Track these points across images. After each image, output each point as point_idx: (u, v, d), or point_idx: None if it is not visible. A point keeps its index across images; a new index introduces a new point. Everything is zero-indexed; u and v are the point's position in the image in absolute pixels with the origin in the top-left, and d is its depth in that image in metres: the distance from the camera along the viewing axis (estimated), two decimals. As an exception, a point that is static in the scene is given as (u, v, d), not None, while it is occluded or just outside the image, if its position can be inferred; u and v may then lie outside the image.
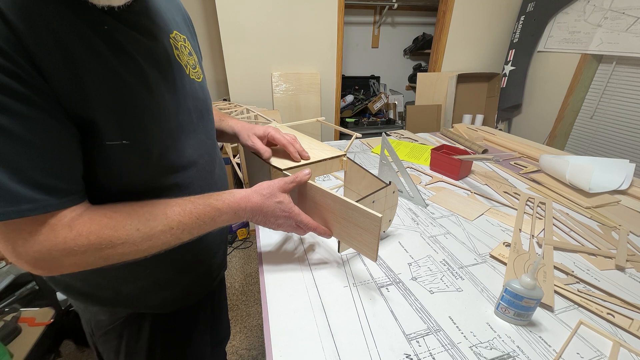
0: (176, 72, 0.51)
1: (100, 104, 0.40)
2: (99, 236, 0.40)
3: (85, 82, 0.38)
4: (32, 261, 0.38)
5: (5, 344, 1.22)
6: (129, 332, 0.61)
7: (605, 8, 1.96)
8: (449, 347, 0.51)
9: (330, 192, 0.57)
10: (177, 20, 0.56)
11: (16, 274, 1.48)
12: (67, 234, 0.38)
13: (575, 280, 0.65)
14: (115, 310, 0.59)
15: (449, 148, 1.18)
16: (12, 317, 1.32)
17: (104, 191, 0.46)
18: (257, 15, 2.10)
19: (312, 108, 2.43)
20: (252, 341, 1.55)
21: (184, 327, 0.67)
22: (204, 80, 0.61)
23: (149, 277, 0.57)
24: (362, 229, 0.55)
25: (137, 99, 0.45)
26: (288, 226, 0.58)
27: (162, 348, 0.64)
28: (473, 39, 2.60)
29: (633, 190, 0.99)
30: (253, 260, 2.10)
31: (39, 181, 0.36)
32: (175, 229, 0.45)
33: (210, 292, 0.72)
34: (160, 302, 0.61)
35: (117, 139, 0.43)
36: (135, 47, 0.44)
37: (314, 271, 0.66)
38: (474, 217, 0.85)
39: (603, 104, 2.11)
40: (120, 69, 0.42)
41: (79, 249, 0.39)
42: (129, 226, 0.42)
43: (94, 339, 0.63)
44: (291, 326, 0.54)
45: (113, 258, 0.42)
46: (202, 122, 0.59)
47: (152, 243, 0.44)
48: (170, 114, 0.50)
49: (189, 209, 0.47)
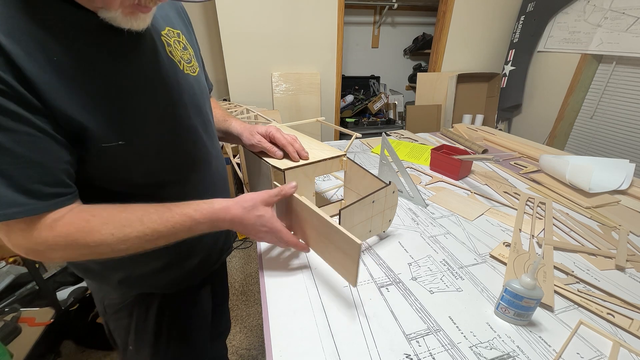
0: (169, 69, 0.52)
1: (94, 110, 0.43)
2: (75, 238, 0.43)
3: (78, 92, 0.41)
4: (23, 251, 0.43)
5: (5, 344, 1.22)
6: (138, 311, 0.65)
7: (605, 8, 1.96)
8: (449, 347, 0.51)
9: (316, 210, 0.56)
10: (170, 15, 0.57)
11: (16, 274, 1.48)
12: (48, 233, 0.42)
13: (575, 280, 0.65)
14: (127, 290, 0.64)
15: (449, 148, 1.18)
16: (12, 317, 1.32)
17: (105, 189, 0.49)
18: (257, 16, 2.10)
19: (312, 108, 2.43)
20: (252, 341, 1.55)
21: (187, 306, 0.72)
22: (200, 73, 0.62)
23: (159, 260, 0.61)
24: (343, 252, 0.53)
25: (129, 101, 0.46)
26: (270, 239, 0.58)
27: (168, 326, 0.68)
28: (473, 39, 2.60)
29: (633, 190, 0.99)
30: (253, 260, 2.10)
31: (27, 187, 0.40)
32: (149, 235, 0.47)
33: (212, 272, 0.76)
34: (167, 282, 0.65)
35: (113, 141, 0.45)
36: (125, 50, 0.46)
37: (314, 271, 0.66)
38: (474, 217, 0.85)
39: (603, 104, 2.11)
40: (110, 73, 0.44)
41: (57, 247, 0.43)
42: (104, 231, 0.44)
43: (106, 317, 0.68)
44: (291, 326, 0.54)
45: (92, 255, 0.46)
46: (199, 116, 0.60)
47: (127, 246, 0.46)
48: (166, 112, 0.52)
49: (166, 217, 0.48)
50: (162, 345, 0.68)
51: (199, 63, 0.63)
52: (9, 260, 1.60)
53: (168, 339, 0.69)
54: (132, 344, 0.68)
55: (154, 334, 0.67)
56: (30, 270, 1.30)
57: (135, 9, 0.41)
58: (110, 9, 0.39)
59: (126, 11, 0.40)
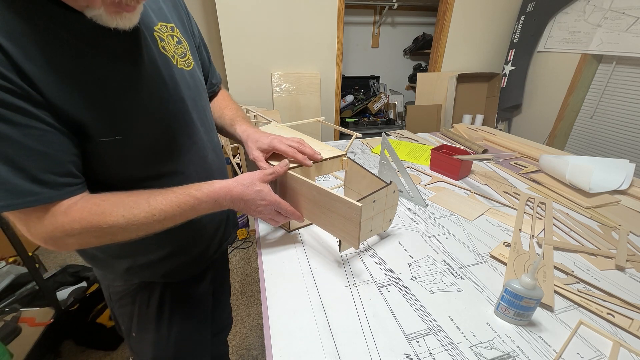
0: (162, 65, 0.54)
1: (90, 108, 0.45)
2: (89, 221, 0.46)
3: (73, 91, 0.43)
4: (42, 240, 0.45)
5: (5, 344, 1.22)
6: (140, 298, 0.68)
7: (605, 8, 1.96)
8: (449, 347, 0.51)
9: (315, 183, 0.60)
10: (164, 9, 0.58)
11: (16, 274, 1.48)
12: (64, 219, 0.45)
13: (575, 280, 0.65)
14: (130, 278, 0.66)
15: (449, 148, 1.18)
16: (12, 317, 1.32)
17: (106, 181, 0.52)
18: (257, 15, 2.10)
19: (312, 108, 2.43)
20: (252, 341, 1.55)
21: (188, 295, 0.74)
22: (195, 68, 0.63)
23: (161, 250, 0.63)
24: (344, 218, 0.58)
25: (123, 97, 0.48)
26: (268, 213, 0.62)
27: (170, 313, 0.70)
28: (473, 39, 2.60)
29: (633, 190, 0.99)
30: (253, 260, 2.10)
31: (40, 178, 0.42)
32: (157, 216, 0.50)
33: (211, 262, 0.77)
34: (169, 271, 0.67)
35: (110, 136, 0.48)
36: (117, 48, 0.47)
37: (314, 271, 0.66)
38: (474, 217, 0.85)
39: (603, 104, 2.11)
40: (103, 72, 0.46)
41: (74, 231, 0.45)
42: (115, 213, 0.47)
43: (111, 303, 0.71)
44: (291, 326, 0.54)
45: (105, 238, 0.48)
46: (195, 110, 0.61)
47: (136, 227, 0.49)
48: (161, 106, 0.54)
49: (170, 198, 0.51)
50: (163, 332, 0.70)
51: (195, 57, 0.64)
52: (9, 260, 1.60)
53: (169, 326, 0.70)
54: (135, 330, 0.69)
55: (155, 321, 0.69)
56: (30, 270, 1.30)
57: (119, 7, 0.41)
58: (94, 7, 0.40)
59: (110, 10, 0.41)
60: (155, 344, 0.70)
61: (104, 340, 1.47)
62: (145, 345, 0.70)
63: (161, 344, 0.70)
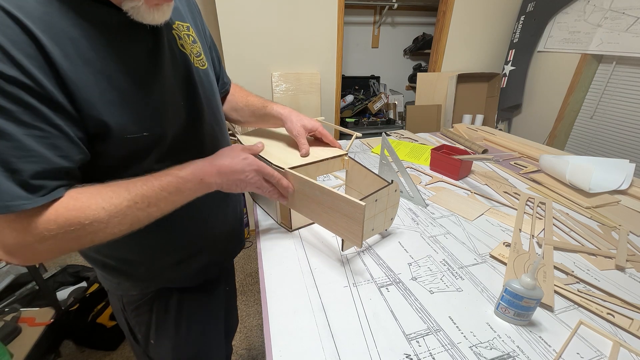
0: (184, 63, 0.54)
1: (121, 105, 0.45)
2: (66, 218, 0.40)
3: (106, 88, 0.43)
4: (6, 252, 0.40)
5: (5, 344, 1.22)
6: (158, 306, 0.67)
7: (605, 8, 1.96)
8: (449, 347, 0.51)
9: (318, 183, 0.61)
10: (180, 8, 0.58)
11: (16, 274, 1.48)
12: (37, 220, 0.39)
13: (575, 280, 0.65)
14: (147, 284, 0.65)
15: (449, 148, 1.18)
16: (12, 317, 1.32)
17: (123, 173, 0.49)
18: (257, 15, 2.10)
19: (312, 108, 2.43)
20: (252, 341, 1.55)
21: (205, 299, 0.74)
22: (209, 67, 0.64)
23: (179, 252, 0.63)
24: (347, 217, 0.59)
25: (153, 95, 0.48)
26: (256, 180, 0.60)
27: (188, 319, 0.70)
28: (473, 39, 2.60)
29: (633, 190, 0.99)
30: (253, 260, 2.10)
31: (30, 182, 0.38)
32: (139, 202, 0.46)
33: (225, 267, 0.79)
34: (186, 276, 0.67)
35: (138, 132, 0.48)
36: (147, 45, 0.47)
37: (314, 271, 0.66)
38: (474, 217, 0.85)
39: (603, 104, 2.11)
40: (136, 69, 0.46)
41: (49, 233, 0.39)
42: (94, 205, 0.42)
43: (125, 314, 0.69)
44: (291, 326, 0.54)
45: (85, 239, 0.43)
46: (209, 108, 0.62)
47: (120, 220, 0.44)
48: (184, 103, 0.55)
49: (151, 182, 0.48)
50: (182, 338, 0.70)
51: (208, 57, 0.65)
52: (9, 260, 1.59)
53: (187, 331, 0.71)
54: (154, 337, 0.69)
55: (174, 327, 0.69)
56: (30, 270, 1.30)
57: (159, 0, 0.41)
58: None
59: (151, 2, 0.41)
60: (175, 349, 0.70)
61: (104, 340, 1.47)
62: (165, 351, 0.70)
63: (180, 349, 0.71)
